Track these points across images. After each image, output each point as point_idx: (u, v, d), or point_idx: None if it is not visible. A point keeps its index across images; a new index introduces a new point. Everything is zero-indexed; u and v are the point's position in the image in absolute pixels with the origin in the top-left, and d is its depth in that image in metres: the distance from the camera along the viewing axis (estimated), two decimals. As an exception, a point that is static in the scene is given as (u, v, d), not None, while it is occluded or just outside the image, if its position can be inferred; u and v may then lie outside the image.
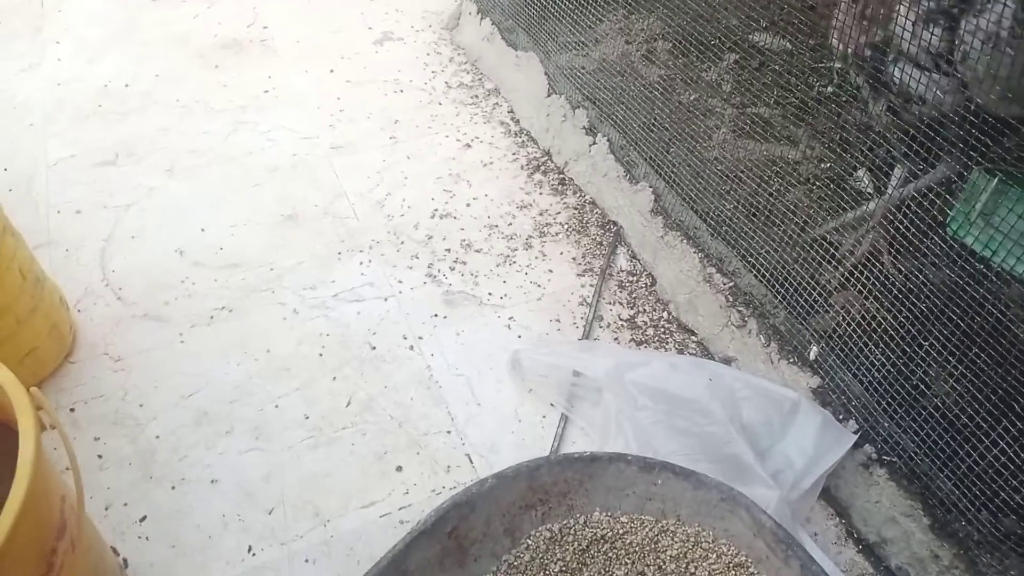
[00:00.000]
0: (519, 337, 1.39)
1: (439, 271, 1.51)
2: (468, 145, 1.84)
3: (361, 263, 1.52)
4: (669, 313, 1.44)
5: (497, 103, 1.99)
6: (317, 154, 1.80)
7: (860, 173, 1.40)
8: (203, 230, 1.60)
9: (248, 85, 2.03)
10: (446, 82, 2.06)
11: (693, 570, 0.93)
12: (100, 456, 1.20)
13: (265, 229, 1.60)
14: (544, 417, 1.25)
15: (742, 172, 1.39)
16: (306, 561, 1.06)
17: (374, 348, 1.35)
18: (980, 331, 0.95)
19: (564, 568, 0.95)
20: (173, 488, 1.15)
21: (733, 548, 0.92)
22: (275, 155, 1.80)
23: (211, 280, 1.49)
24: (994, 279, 0.91)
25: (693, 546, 0.93)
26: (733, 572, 0.91)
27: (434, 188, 1.71)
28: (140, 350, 1.36)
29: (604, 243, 1.58)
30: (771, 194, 1.31)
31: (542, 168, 1.78)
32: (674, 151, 1.53)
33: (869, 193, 1.34)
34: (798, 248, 1.27)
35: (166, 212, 1.65)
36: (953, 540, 0.99)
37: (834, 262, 1.18)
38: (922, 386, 1.04)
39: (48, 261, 1.49)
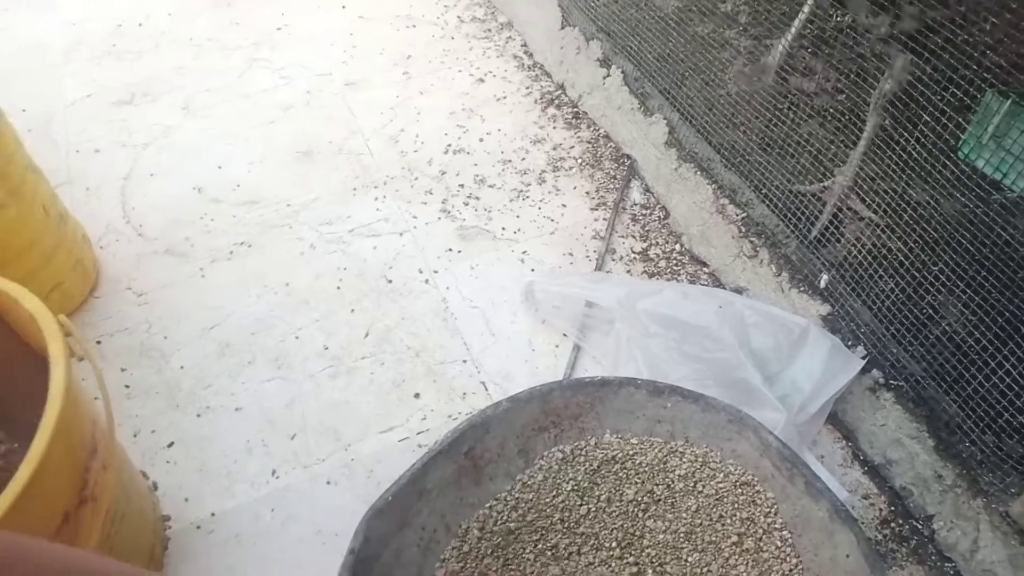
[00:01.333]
0: (532, 270, 1.40)
1: (453, 206, 1.52)
2: (481, 80, 1.83)
3: (376, 199, 1.53)
4: (682, 245, 1.45)
5: (510, 36, 1.96)
6: (331, 91, 1.80)
7: (875, 95, 1.38)
8: (220, 167, 1.62)
9: (260, 22, 2.02)
10: (459, 16, 2.04)
11: (701, 488, 0.95)
12: (127, 386, 1.24)
13: (281, 166, 1.61)
14: (557, 347, 1.27)
15: (757, 104, 1.38)
16: (328, 483, 1.10)
17: (390, 281, 1.38)
18: (989, 255, 0.95)
19: (576, 487, 0.98)
20: (198, 416, 1.19)
21: (740, 467, 0.94)
22: (289, 92, 1.80)
23: (229, 216, 1.51)
24: (1005, 202, 0.91)
25: (701, 466, 0.96)
26: (740, 490, 0.94)
27: (447, 123, 1.71)
28: (162, 285, 1.39)
29: (618, 177, 1.58)
30: (786, 125, 1.29)
31: (556, 102, 1.77)
32: (689, 83, 1.51)
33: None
34: (812, 179, 1.26)
35: (183, 150, 1.66)
36: (956, 461, 1.01)
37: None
38: (931, 312, 1.05)
39: (69, 199, 1.51)
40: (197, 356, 1.27)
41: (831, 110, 1.34)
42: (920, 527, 1.04)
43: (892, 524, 1.05)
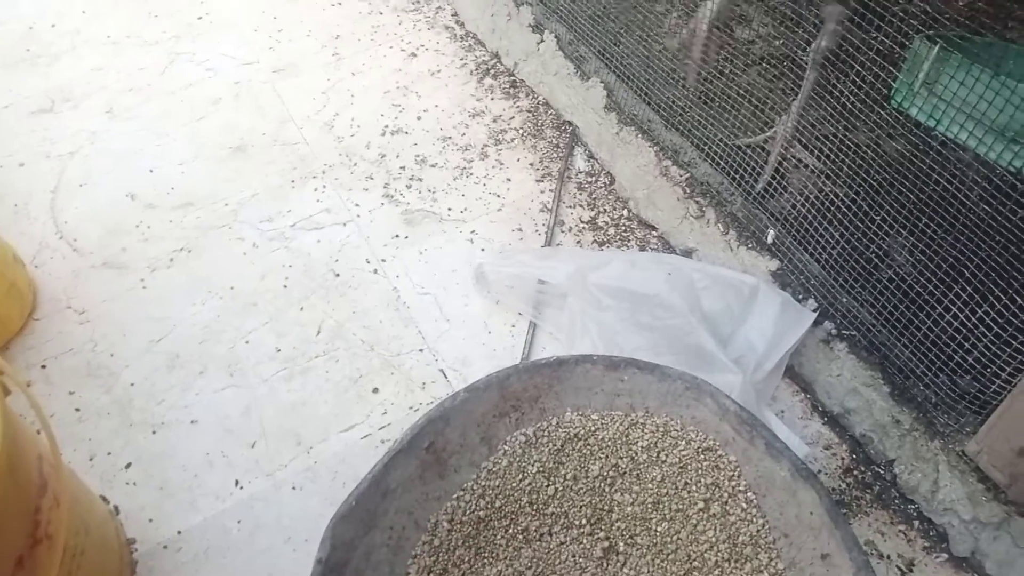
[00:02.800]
0: (482, 250, 1.39)
1: (396, 190, 1.49)
2: (414, 54, 1.79)
3: (316, 189, 1.50)
4: (629, 210, 1.44)
5: (440, 7, 1.92)
6: (259, 80, 1.75)
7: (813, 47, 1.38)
8: (151, 171, 1.57)
9: (179, 13, 1.95)
10: (385, -10, 1.99)
11: (664, 458, 0.96)
12: (77, 409, 1.21)
13: (214, 163, 1.57)
14: (513, 326, 1.26)
15: (694, 58, 1.36)
16: (293, 488, 1.09)
17: (338, 275, 1.35)
18: (929, 201, 0.96)
19: (541, 468, 0.98)
20: (154, 432, 1.17)
21: (701, 434, 0.95)
22: (216, 85, 1.74)
23: (166, 222, 1.47)
24: (939, 148, 0.91)
25: (663, 435, 0.97)
26: (702, 456, 0.95)
27: (382, 104, 1.67)
28: (103, 300, 1.35)
29: (560, 145, 1.56)
30: (725, 77, 1.29)
31: (492, 72, 1.74)
32: (624, 42, 1.49)
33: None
34: (753, 132, 1.26)
35: (111, 156, 1.61)
36: (912, 405, 1.03)
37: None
38: (876, 259, 1.06)
39: (-4, 219, 1.46)
40: (146, 371, 1.25)
41: (769, 57, 1.33)
42: (882, 472, 1.07)
43: (855, 472, 1.07)
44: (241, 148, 1.60)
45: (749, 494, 0.92)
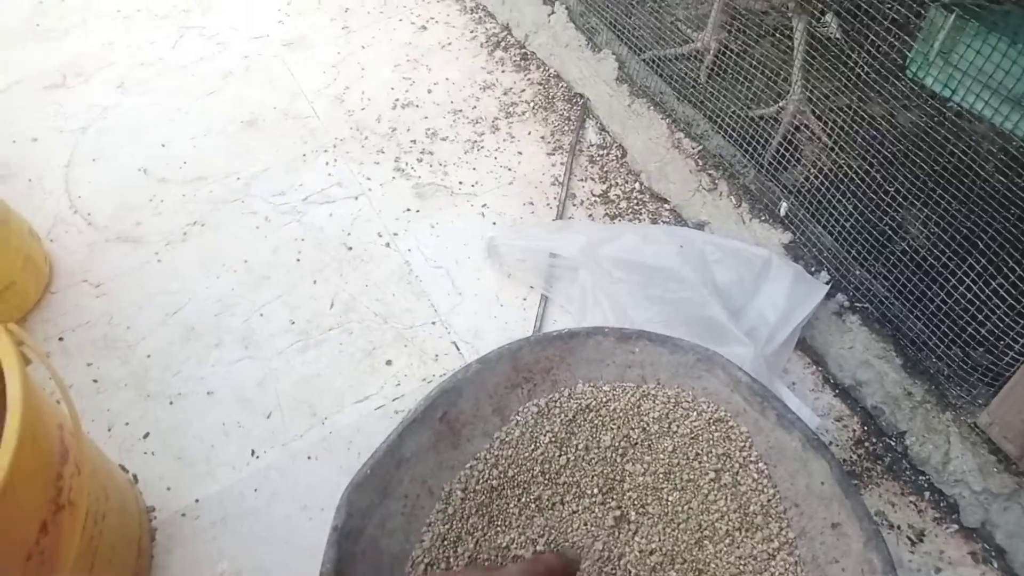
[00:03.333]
0: (494, 224, 1.39)
1: (407, 164, 1.49)
2: (424, 27, 1.78)
3: (327, 163, 1.50)
4: (641, 184, 1.44)
5: (450, -20, 1.91)
6: (269, 54, 1.75)
7: (828, 18, 1.36)
8: (163, 145, 1.58)
9: (188, -14, 1.94)
10: (395, -38, 1.97)
11: (676, 429, 0.97)
12: (95, 381, 1.22)
13: (226, 138, 1.57)
14: (525, 300, 1.27)
15: (708, 27, 1.35)
16: (308, 458, 1.10)
17: (350, 248, 1.36)
18: (944, 172, 0.95)
19: (553, 439, 0.99)
20: (171, 403, 1.19)
21: (712, 405, 0.96)
22: (226, 59, 1.74)
23: (179, 196, 1.48)
24: (955, 118, 0.91)
25: (674, 407, 0.97)
26: (714, 427, 0.95)
27: (393, 77, 1.67)
28: (118, 273, 1.36)
29: (572, 118, 1.56)
30: (737, 47, 1.28)
31: (502, 44, 1.74)
32: (636, 13, 1.48)
33: (838, 39, 1.31)
34: (766, 103, 1.25)
35: (123, 130, 1.61)
36: (925, 377, 1.03)
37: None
38: (890, 231, 1.06)
39: (11, 193, 1.47)
40: (162, 343, 1.26)
41: (783, 28, 1.32)
42: (893, 444, 1.07)
43: (866, 443, 1.08)
44: (252, 122, 1.60)
45: (760, 464, 0.92)
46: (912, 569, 0.96)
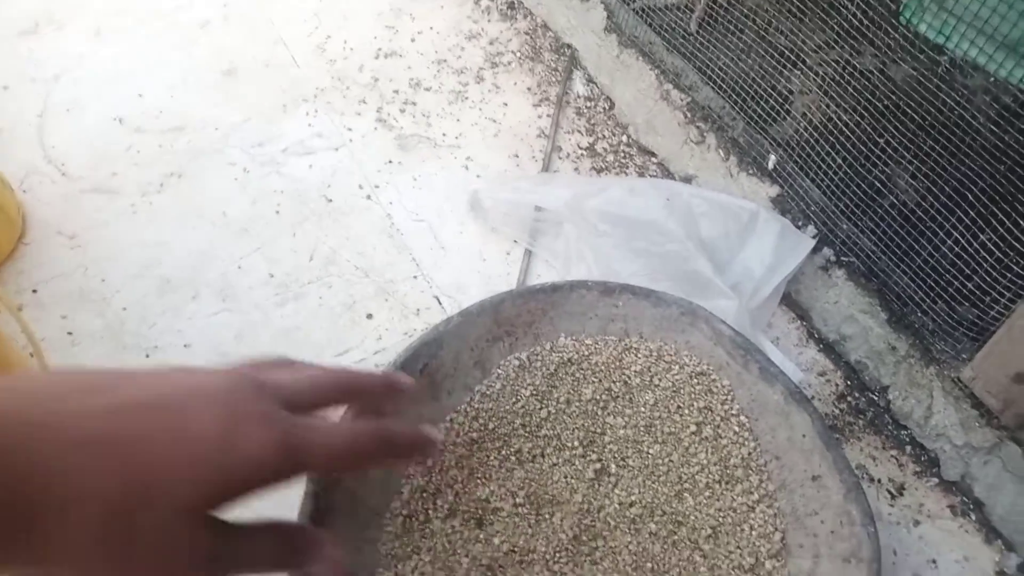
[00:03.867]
0: (478, 176, 1.37)
1: (389, 114, 1.46)
2: (408, -25, 1.74)
3: (307, 113, 1.47)
4: (628, 136, 1.42)
5: (435, -74, 1.86)
6: (249, 2, 1.70)
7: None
8: (140, 95, 1.54)
9: (165, -70, 1.88)
10: (378, -93, 1.91)
11: (657, 382, 0.96)
12: (70, 333, 1.20)
13: (204, 88, 1.54)
14: (508, 254, 1.25)
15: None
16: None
17: (330, 201, 1.34)
18: (935, 123, 0.93)
19: (535, 392, 0.98)
20: (147, 356, 1.17)
21: (694, 358, 0.95)
22: (205, 7, 1.70)
23: (156, 146, 1.45)
24: (947, 67, 0.89)
25: (656, 360, 0.97)
26: (695, 380, 0.95)
27: (376, 25, 1.63)
28: (94, 225, 1.34)
29: (559, 69, 1.53)
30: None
31: (489, -7, 1.70)
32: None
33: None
34: (755, 55, 1.23)
35: (99, 79, 1.57)
36: (909, 332, 1.02)
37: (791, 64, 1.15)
38: (879, 184, 1.05)
39: (-19, 143, 1.44)
40: (139, 295, 1.24)
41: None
42: (876, 399, 1.07)
43: (848, 398, 1.08)
44: (231, 72, 1.56)
45: (741, 417, 0.92)
46: (891, 522, 0.97)
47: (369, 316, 1.19)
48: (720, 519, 0.88)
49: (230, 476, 0.42)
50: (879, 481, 1.00)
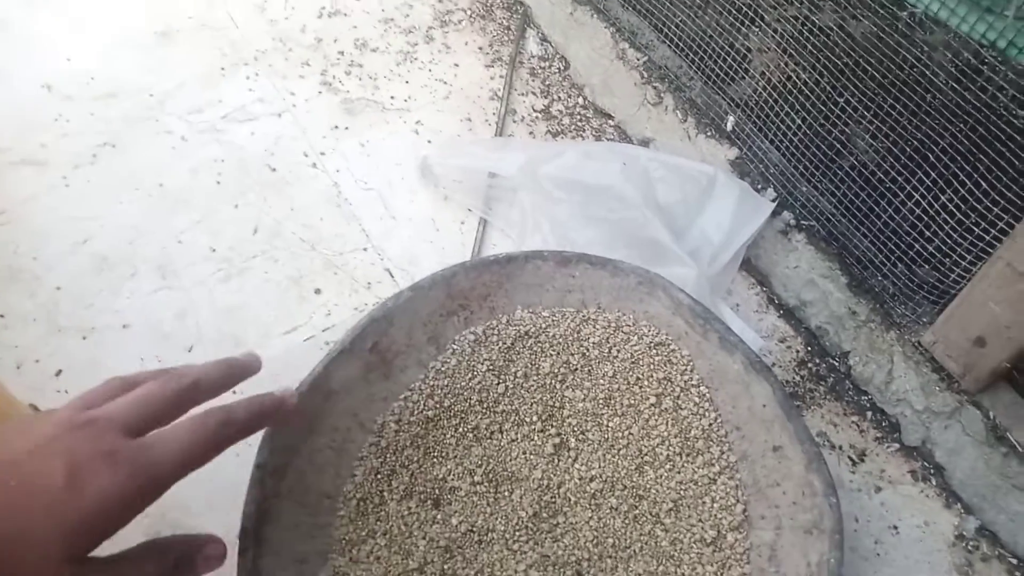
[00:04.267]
0: (429, 142, 1.33)
1: (334, 77, 1.41)
2: (352, -70, 1.66)
3: (248, 77, 1.41)
4: (584, 98, 1.38)
5: None
6: (183, -43, 1.61)
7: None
8: (69, 60, 1.46)
9: None
10: None
11: (616, 354, 0.95)
12: (2, 316, 1.15)
13: (137, 51, 1.46)
14: (463, 223, 1.22)
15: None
16: (234, 393, 1.04)
17: (274, 170, 1.28)
18: (896, 80, 0.92)
19: (491, 367, 0.96)
20: (84, 338, 1.12)
21: (653, 328, 0.94)
22: (135, -37, 1.61)
23: (87, 114, 1.37)
24: (908, 22, 0.87)
25: (614, 331, 0.95)
26: (655, 351, 0.93)
27: (319, -17, 1.56)
28: (23, 199, 1.27)
29: (512, 27, 1.48)
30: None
31: (437, -51, 1.63)
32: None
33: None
34: (712, 11, 1.20)
35: (24, 43, 1.48)
36: (870, 296, 1.02)
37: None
38: (839, 146, 1.03)
39: None
40: (73, 274, 1.18)
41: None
42: (836, 364, 1.07)
43: (809, 364, 1.07)
44: (166, 34, 1.49)
45: (702, 388, 0.91)
46: (853, 489, 0.97)
47: (317, 291, 1.15)
48: (681, 492, 0.87)
49: (89, 518, 0.45)
50: (840, 448, 1.00)
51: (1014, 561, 0.91)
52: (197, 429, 0.55)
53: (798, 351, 1.09)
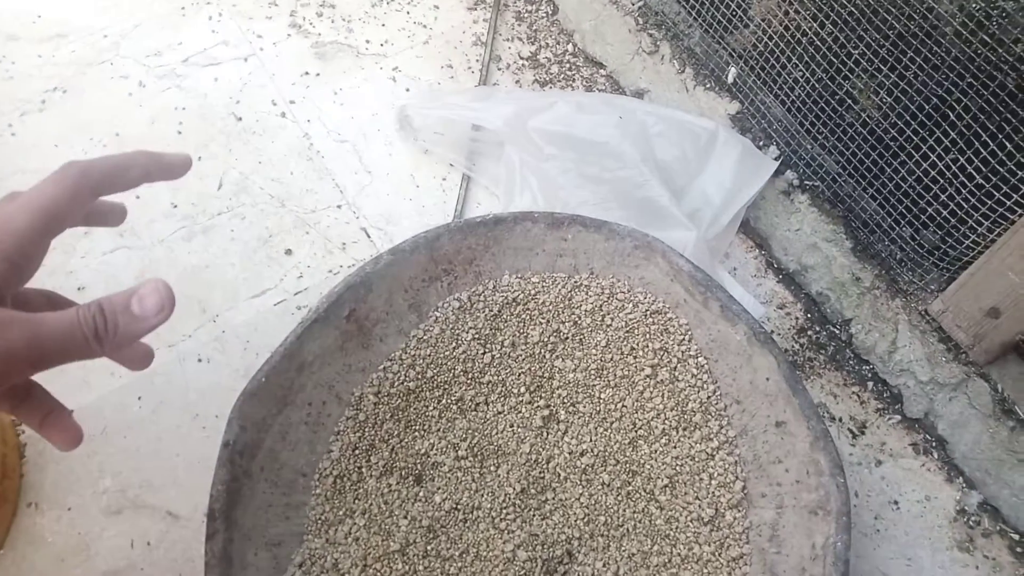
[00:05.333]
0: (407, 90, 1.26)
1: (304, 19, 1.33)
2: None
3: (210, 18, 1.33)
4: (574, 45, 1.32)
5: None
6: None
7: None
8: (11, -5, 1.37)
9: None
10: None
11: (609, 322, 0.91)
12: (-57, 275, 1.08)
13: (88, -14, 1.37)
14: (444, 180, 1.17)
15: None
16: (199, 360, 1.01)
17: (240, 119, 1.22)
18: (914, 28, 0.87)
19: (477, 336, 0.93)
20: (35, 301, 1.06)
21: (650, 296, 0.90)
22: None
23: (34, 57, 1.29)
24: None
25: (608, 298, 0.91)
26: (651, 320, 0.90)
27: (287, -86, 1.47)
28: (-36, 149, 1.19)
29: (496, -33, 1.41)
30: None
31: None
32: None
33: None
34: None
35: (-41, -25, 1.39)
36: (875, 262, 0.99)
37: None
38: (848, 101, 0.99)
39: None
40: (22, 231, 1.11)
41: None
42: (837, 332, 1.04)
43: (808, 332, 1.05)
44: (119, -32, 1.39)
45: (700, 359, 0.88)
46: (853, 462, 0.95)
47: (288, 252, 1.10)
48: (677, 468, 0.85)
49: None
50: (840, 420, 0.98)
51: (1016, 537, 0.91)
52: (55, 181, 0.53)
53: (797, 318, 1.06)
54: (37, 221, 0.50)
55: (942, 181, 0.87)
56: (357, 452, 0.85)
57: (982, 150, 0.80)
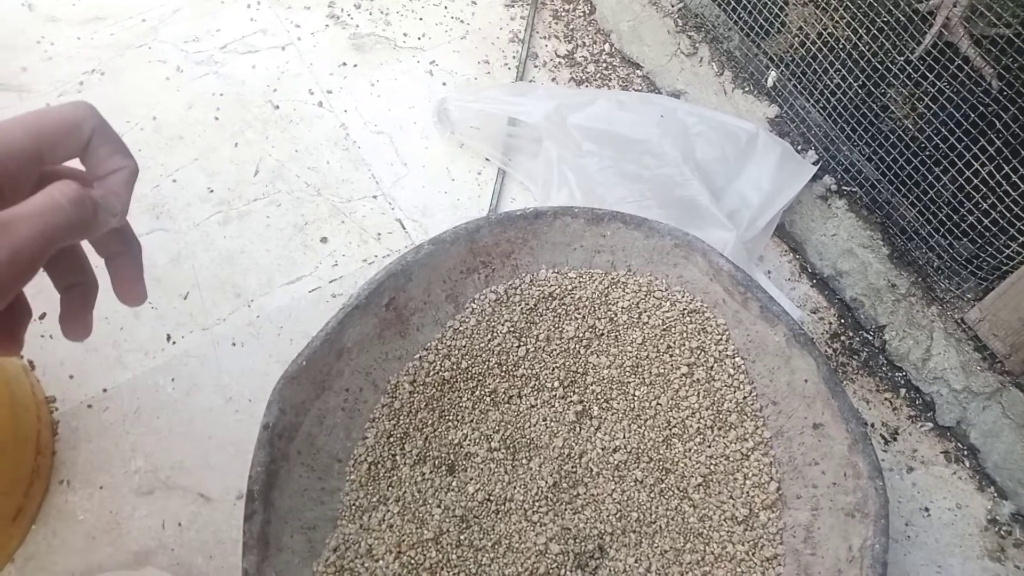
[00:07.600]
0: (444, 84, 1.27)
1: (342, 10, 1.35)
2: None
3: (249, 6, 1.35)
4: (611, 45, 1.33)
5: None
6: None
7: None
8: (51, -24, 1.38)
9: None
10: None
11: (646, 319, 0.92)
12: (-21, 252, 1.09)
13: (128, -30, 1.39)
14: (479, 173, 1.18)
15: None
16: (233, 344, 1.02)
17: (277, 107, 1.23)
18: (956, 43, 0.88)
19: (512, 328, 0.93)
20: (70, 281, 1.07)
21: (688, 295, 0.91)
22: None
23: (73, 38, 1.31)
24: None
25: (645, 296, 0.92)
26: (688, 318, 0.91)
27: (327, -94, 1.48)
28: (2, 128, 1.20)
29: (533, -35, 1.42)
30: None
31: None
32: None
33: None
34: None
35: (0, -44, 1.40)
36: (912, 269, 0.99)
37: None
38: (891, 107, 0.99)
39: None
40: (58, 211, 1.13)
41: None
42: (871, 339, 1.04)
43: (842, 337, 1.05)
44: (158, -47, 1.41)
45: (737, 359, 0.88)
46: (885, 468, 0.95)
47: (323, 240, 1.11)
48: (712, 467, 0.85)
49: None
50: (872, 426, 0.99)
51: (1047, 549, 0.91)
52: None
53: (830, 323, 1.07)
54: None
55: (984, 190, 0.88)
56: (391, 440, 0.85)
57: (1028, 160, 0.81)
